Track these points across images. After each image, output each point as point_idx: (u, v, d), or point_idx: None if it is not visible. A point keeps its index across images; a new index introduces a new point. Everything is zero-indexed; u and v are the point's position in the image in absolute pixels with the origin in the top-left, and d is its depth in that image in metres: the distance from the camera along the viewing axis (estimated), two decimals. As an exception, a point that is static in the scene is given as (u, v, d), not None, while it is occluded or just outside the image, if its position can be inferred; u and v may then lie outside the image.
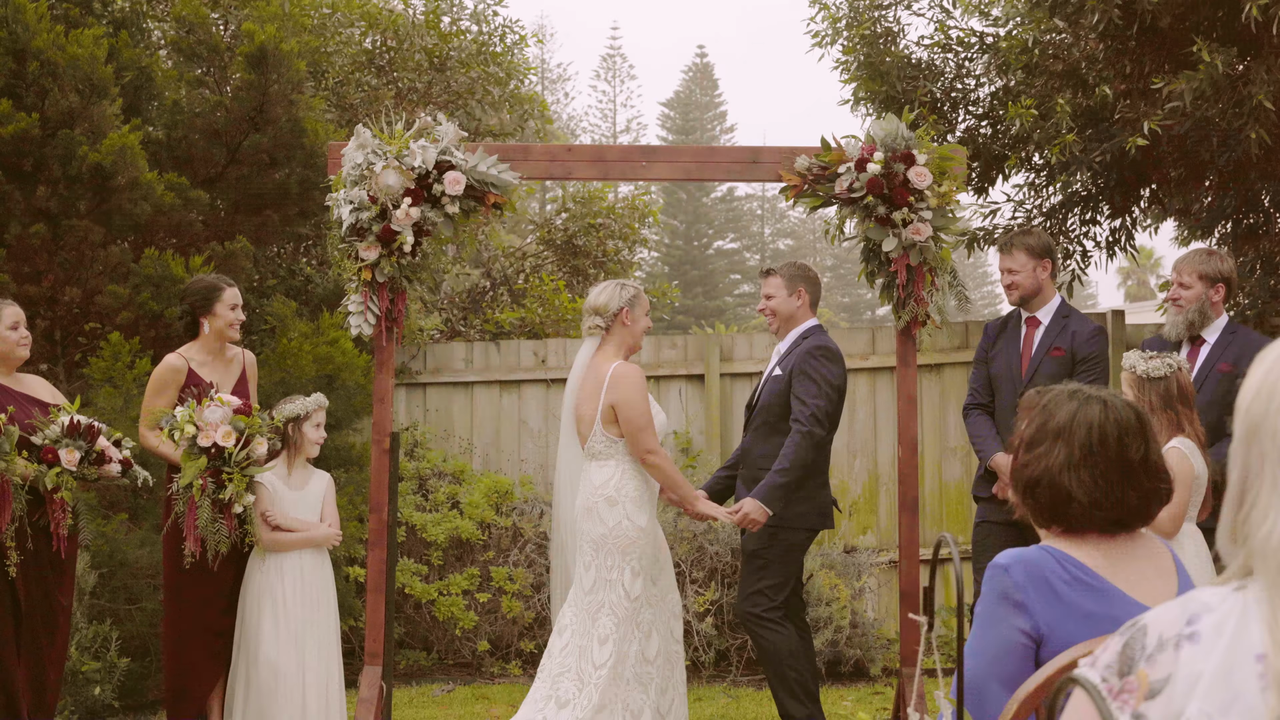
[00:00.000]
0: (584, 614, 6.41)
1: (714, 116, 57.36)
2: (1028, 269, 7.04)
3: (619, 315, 6.67)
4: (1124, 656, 2.03)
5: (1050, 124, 8.28)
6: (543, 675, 6.46)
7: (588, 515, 6.46)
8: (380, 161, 7.02)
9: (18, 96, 8.13)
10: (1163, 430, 5.73)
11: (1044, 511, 3.28)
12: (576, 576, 6.51)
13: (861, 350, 10.17)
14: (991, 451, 6.92)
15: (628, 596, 6.36)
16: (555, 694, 6.35)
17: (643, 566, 6.42)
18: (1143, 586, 3.16)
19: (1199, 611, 1.98)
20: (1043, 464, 3.24)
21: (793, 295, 7.00)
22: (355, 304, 7.13)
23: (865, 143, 7.08)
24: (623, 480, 6.45)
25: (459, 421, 10.23)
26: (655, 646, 6.46)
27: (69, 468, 6.29)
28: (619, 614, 6.35)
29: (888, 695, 8.33)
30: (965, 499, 9.98)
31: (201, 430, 6.38)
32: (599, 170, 7.51)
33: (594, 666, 6.30)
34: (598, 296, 6.73)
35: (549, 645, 6.52)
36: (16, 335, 6.50)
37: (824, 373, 6.75)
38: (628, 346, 6.72)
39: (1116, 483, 3.16)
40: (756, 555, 6.74)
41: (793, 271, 7.12)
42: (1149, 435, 3.22)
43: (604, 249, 12.67)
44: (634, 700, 6.34)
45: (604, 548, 6.41)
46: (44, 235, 8.06)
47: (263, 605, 6.69)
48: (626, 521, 6.40)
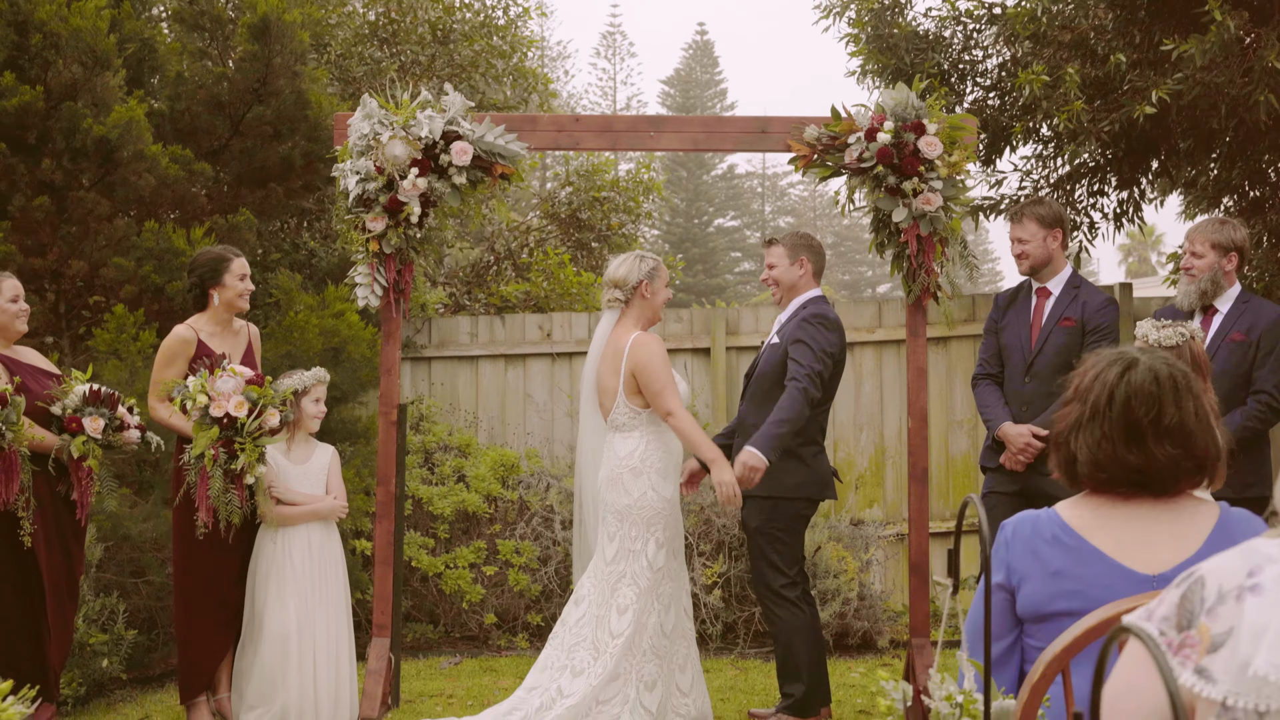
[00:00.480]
0: (604, 584, 6.44)
1: (714, 94, 57.21)
2: (1038, 238, 6.98)
3: (639, 288, 6.67)
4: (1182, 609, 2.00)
5: (1059, 93, 8.24)
6: (555, 643, 6.50)
7: (612, 486, 6.48)
8: (387, 131, 6.98)
9: (21, 69, 8.08)
10: (1173, 400, 5.70)
11: (1060, 469, 3.29)
12: (599, 547, 6.53)
13: (868, 323, 10.14)
14: (1000, 421, 6.87)
15: (650, 568, 6.40)
16: (570, 663, 6.38)
17: (667, 538, 6.47)
18: (1139, 550, 3.13)
19: (1261, 563, 1.94)
20: (1063, 423, 3.26)
21: (795, 264, 6.96)
22: (362, 275, 7.10)
23: (875, 112, 7.04)
24: (647, 451, 6.49)
25: (464, 395, 10.21)
26: (673, 620, 6.50)
27: (94, 435, 6.31)
28: (640, 584, 6.38)
29: (896, 667, 8.32)
30: (972, 471, 9.96)
31: (214, 400, 6.36)
32: (607, 140, 7.46)
33: (611, 636, 6.33)
34: (617, 269, 6.72)
35: (564, 614, 6.56)
36: (16, 308, 6.48)
37: (819, 339, 6.70)
38: (647, 319, 6.73)
39: (1119, 444, 3.13)
40: (761, 531, 6.72)
41: (795, 240, 7.08)
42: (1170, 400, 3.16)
43: (608, 223, 12.62)
44: (648, 672, 6.35)
45: (628, 518, 6.44)
46: (48, 208, 8.02)
47: (270, 578, 6.68)
48: (651, 492, 6.44)
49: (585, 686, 6.29)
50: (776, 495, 6.68)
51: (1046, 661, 2.69)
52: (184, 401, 6.46)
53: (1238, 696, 1.88)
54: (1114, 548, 3.13)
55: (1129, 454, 3.13)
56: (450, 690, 7.71)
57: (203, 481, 6.38)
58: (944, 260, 7.12)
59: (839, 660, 8.57)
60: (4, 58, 8.04)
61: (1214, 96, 8.11)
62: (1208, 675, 1.93)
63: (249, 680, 6.64)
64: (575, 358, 10.15)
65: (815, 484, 6.76)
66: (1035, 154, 10.06)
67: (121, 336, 7.89)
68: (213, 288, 6.83)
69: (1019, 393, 6.91)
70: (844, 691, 7.63)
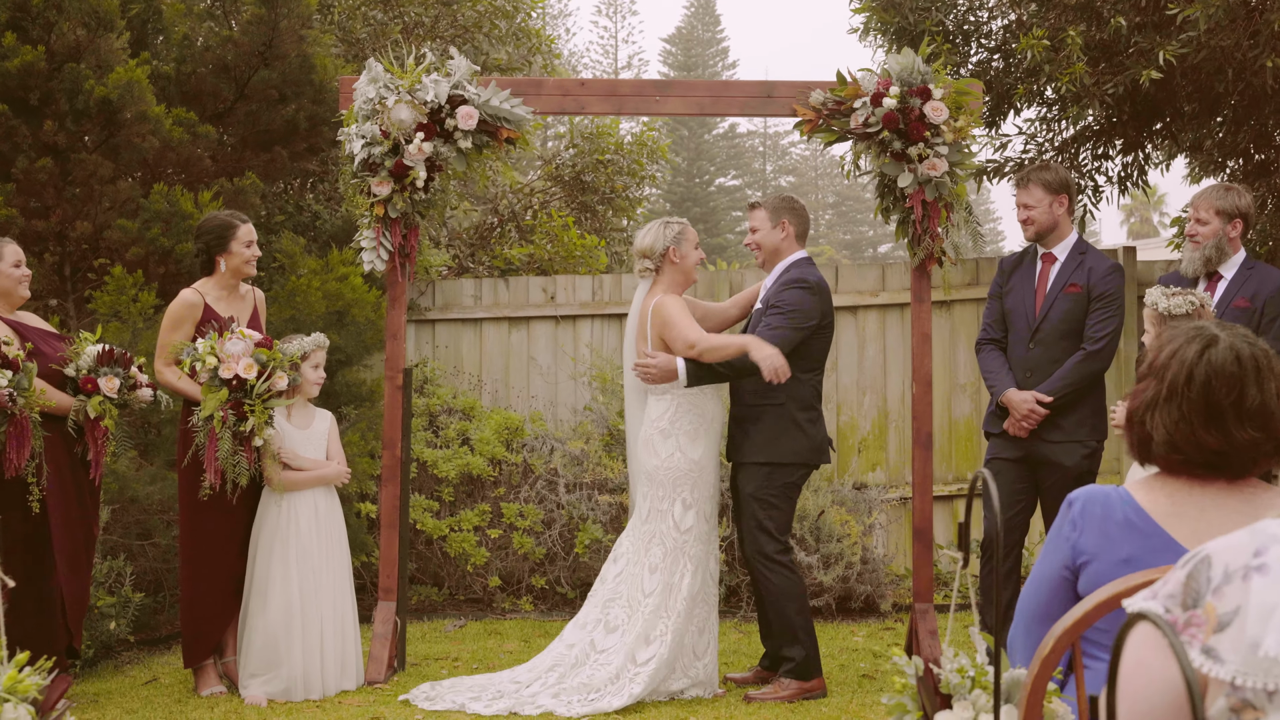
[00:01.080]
0: (639, 543, 6.66)
1: (716, 52, 57.01)
2: (1044, 204, 6.97)
3: (667, 254, 6.81)
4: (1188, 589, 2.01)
5: (1062, 56, 8.21)
6: (593, 600, 6.73)
7: (644, 447, 6.70)
8: (392, 96, 6.97)
9: (23, 30, 8.05)
10: (1181, 368, 5.72)
11: (1133, 448, 3.19)
12: (635, 507, 6.76)
13: (871, 287, 10.13)
14: (1004, 387, 6.88)
15: (677, 528, 6.58)
16: (605, 618, 6.62)
17: (695, 499, 6.62)
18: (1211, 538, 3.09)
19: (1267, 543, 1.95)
20: (1138, 400, 3.15)
21: (776, 227, 6.96)
22: (368, 240, 7.12)
23: (881, 77, 7.03)
24: (677, 413, 6.66)
25: (468, 358, 10.22)
26: (699, 582, 6.63)
27: (110, 395, 6.35)
28: (667, 545, 6.58)
29: (898, 631, 8.36)
30: (974, 435, 9.98)
31: (223, 362, 6.40)
32: (612, 105, 7.45)
33: (643, 594, 6.56)
34: (643, 239, 6.86)
35: (602, 571, 6.81)
36: (19, 272, 6.49)
37: (792, 302, 6.71)
38: (679, 283, 6.89)
39: (1199, 425, 3.01)
40: (755, 497, 6.75)
41: (776, 204, 7.06)
42: (1252, 381, 3.04)
43: (612, 185, 12.59)
44: (679, 629, 6.53)
45: (656, 479, 6.63)
46: (51, 170, 8.00)
47: (275, 545, 6.71)
48: (679, 454, 6.60)
49: (620, 644, 6.50)
50: (774, 461, 6.72)
51: (1057, 635, 2.71)
52: (193, 363, 6.49)
53: (1246, 676, 1.89)
54: (1190, 539, 3.04)
55: (1208, 436, 3.02)
56: (456, 653, 7.76)
57: (211, 443, 6.42)
58: (949, 225, 7.12)
59: (842, 624, 8.61)
60: (6, 18, 8.01)
61: (1220, 60, 8.09)
62: (1215, 655, 1.95)
63: (253, 648, 6.67)
64: (579, 320, 10.16)
65: (811, 450, 6.79)
66: (1040, 116, 10.04)
67: (122, 298, 7.88)
68: (219, 254, 6.85)
69: (1024, 359, 6.91)
70: (847, 655, 7.68)
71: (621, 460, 9.22)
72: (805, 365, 6.76)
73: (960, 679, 2.94)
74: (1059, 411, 6.74)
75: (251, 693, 6.59)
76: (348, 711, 6.37)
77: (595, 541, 8.94)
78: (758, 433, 6.75)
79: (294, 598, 6.65)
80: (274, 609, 6.64)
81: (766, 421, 6.73)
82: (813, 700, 6.63)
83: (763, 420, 6.75)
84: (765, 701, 6.55)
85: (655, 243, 6.78)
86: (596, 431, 9.48)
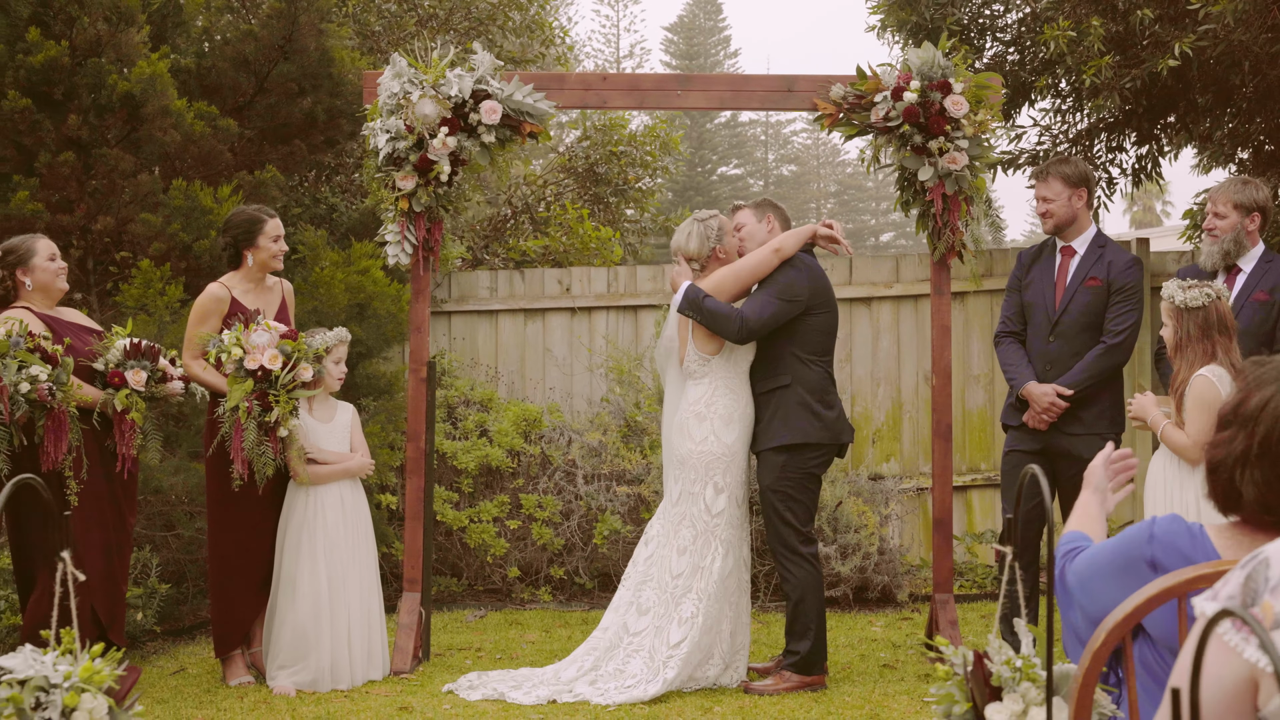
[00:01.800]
0: (669, 525, 6.76)
1: (718, 41, 56.90)
2: (1063, 198, 7.01)
3: (713, 254, 6.95)
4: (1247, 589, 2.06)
5: (1082, 48, 8.26)
6: (626, 583, 6.84)
7: (678, 430, 6.79)
8: (417, 90, 7.03)
9: (45, 25, 8.09)
10: (1197, 360, 5.78)
11: (1217, 499, 2.97)
12: (666, 489, 6.87)
13: (885, 278, 10.18)
14: (1024, 380, 6.92)
15: (708, 511, 6.68)
16: (637, 600, 6.73)
17: (726, 484, 6.72)
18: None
19: None
20: (1223, 451, 2.91)
21: (762, 222, 7.04)
22: (392, 234, 7.18)
23: (901, 71, 7.09)
24: (714, 397, 6.76)
25: (483, 350, 10.28)
26: (731, 565, 6.72)
27: (137, 388, 6.40)
28: (697, 527, 6.68)
29: (916, 621, 8.42)
30: (988, 426, 10.04)
31: (249, 353, 6.46)
32: (634, 99, 7.51)
33: (671, 576, 6.67)
34: (687, 243, 6.97)
35: (634, 554, 6.92)
36: (55, 266, 6.56)
37: (780, 278, 6.79)
38: None
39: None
40: (773, 490, 6.79)
41: (758, 202, 7.20)
42: None
43: (625, 177, 12.64)
44: (711, 613, 6.63)
45: (688, 463, 6.72)
46: (73, 164, 8.05)
47: (302, 537, 6.77)
48: (713, 437, 6.70)
49: (650, 625, 6.62)
50: (787, 444, 6.73)
51: (1108, 629, 2.74)
52: (219, 354, 6.56)
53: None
54: None
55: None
56: (478, 643, 7.82)
57: (237, 434, 6.48)
58: (969, 218, 7.17)
59: (859, 614, 8.68)
60: (29, 14, 8.05)
61: (1237, 52, 8.14)
62: None
63: (281, 639, 6.74)
64: (594, 312, 10.22)
65: (824, 430, 6.78)
66: (1054, 108, 10.09)
67: (149, 291, 7.94)
68: (247, 248, 6.91)
69: (1044, 352, 6.95)
70: (867, 645, 7.74)
71: (639, 452, 9.29)
72: (807, 348, 6.80)
73: (1010, 671, 3.00)
74: (1078, 404, 6.80)
75: (280, 683, 6.66)
76: (375, 701, 6.43)
77: (614, 532, 9.01)
78: (768, 418, 6.80)
79: (322, 589, 6.72)
80: (302, 601, 6.70)
81: (775, 406, 6.79)
82: (815, 692, 6.66)
83: (772, 405, 6.80)
84: (766, 694, 6.59)
85: (701, 246, 6.89)
86: (614, 423, 9.54)
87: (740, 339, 6.70)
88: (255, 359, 6.50)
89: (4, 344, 5.95)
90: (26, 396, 5.95)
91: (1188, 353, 5.83)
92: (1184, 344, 5.85)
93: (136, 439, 6.52)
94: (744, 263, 6.83)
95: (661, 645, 6.56)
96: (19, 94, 7.93)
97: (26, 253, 6.50)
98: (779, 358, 6.79)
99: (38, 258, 6.49)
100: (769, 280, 6.81)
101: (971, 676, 3.06)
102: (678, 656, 6.52)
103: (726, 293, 6.76)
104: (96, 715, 2.87)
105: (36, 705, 2.86)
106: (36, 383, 5.95)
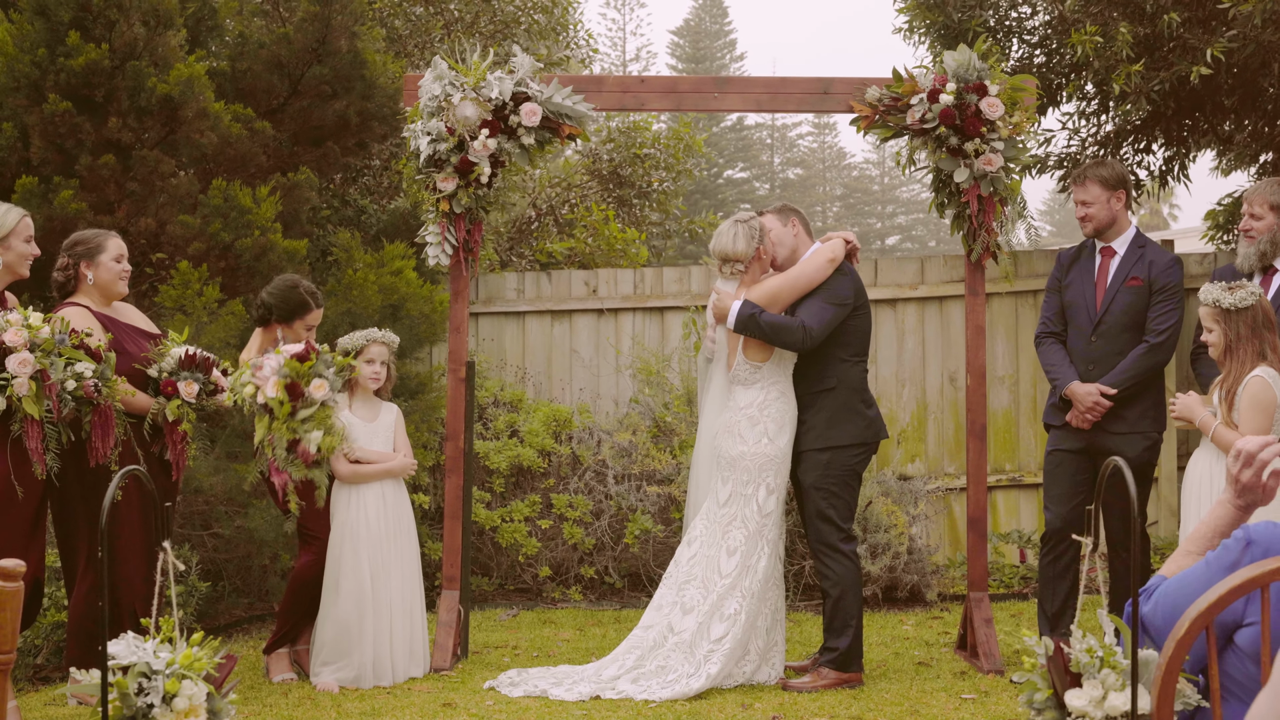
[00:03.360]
0: (716, 526, 6.81)
1: (724, 44, 56.90)
2: (1101, 200, 7.06)
3: (757, 255, 6.95)
4: None
5: (1110, 51, 8.31)
6: (668, 582, 6.89)
7: (728, 433, 6.83)
8: (458, 93, 7.09)
9: (85, 28, 8.14)
10: (1248, 359, 5.83)
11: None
12: (713, 491, 6.88)
13: (910, 280, 10.24)
14: (1067, 380, 6.98)
15: (760, 512, 6.76)
16: (681, 600, 6.77)
17: (777, 485, 6.80)
18: None
19: None
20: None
21: (787, 225, 7.10)
22: (433, 235, 7.23)
23: (937, 73, 7.14)
24: (766, 401, 6.83)
25: (511, 351, 10.33)
26: (772, 564, 6.82)
27: (188, 400, 6.40)
28: (750, 528, 6.75)
29: (946, 620, 8.47)
30: (1013, 427, 10.08)
31: (259, 388, 6.35)
32: (671, 101, 7.58)
33: (720, 576, 6.72)
34: (732, 245, 6.95)
35: (677, 554, 6.96)
36: (119, 267, 6.58)
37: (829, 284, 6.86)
38: (765, 271, 7.04)
39: None
40: (816, 487, 6.85)
41: (779, 208, 7.22)
42: None
43: (648, 180, 12.70)
44: (752, 610, 6.71)
45: (740, 465, 6.78)
46: (113, 166, 8.11)
47: (345, 536, 6.83)
48: (765, 440, 6.77)
49: (694, 624, 6.67)
50: (833, 445, 6.83)
51: (1192, 618, 2.78)
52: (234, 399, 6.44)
53: None
54: None
55: None
56: (514, 641, 7.88)
57: (274, 468, 6.40)
58: (1003, 220, 7.24)
59: (889, 613, 8.73)
60: (69, 18, 8.12)
61: (1266, 53, 8.20)
62: None
63: (324, 636, 6.80)
64: (621, 314, 10.27)
65: (869, 429, 6.91)
66: (1079, 110, 10.14)
67: (187, 292, 7.99)
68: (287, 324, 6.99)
69: (1086, 352, 7.01)
70: (900, 644, 7.79)
71: (669, 452, 9.35)
72: (850, 350, 6.90)
73: (1090, 658, 3.05)
74: (1121, 403, 6.86)
75: (323, 680, 6.72)
76: (418, 698, 6.48)
77: (645, 532, 9.07)
78: (816, 420, 6.87)
79: (365, 587, 6.77)
80: (345, 598, 6.76)
81: (823, 408, 6.86)
82: (853, 689, 6.70)
83: (818, 407, 6.87)
84: (804, 691, 6.64)
85: (746, 248, 6.89)
86: (643, 423, 9.60)
87: (805, 348, 6.79)
88: (264, 394, 6.31)
89: (50, 341, 5.96)
90: (73, 394, 5.98)
91: (1239, 353, 5.89)
92: (1235, 345, 5.91)
93: (190, 449, 6.55)
94: (799, 272, 6.86)
95: (703, 640, 6.62)
96: (59, 97, 7.99)
97: (96, 247, 6.52)
98: (826, 360, 6.86)
99: (105, 254, 6.52)
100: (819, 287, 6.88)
101: (1051, 663, 3.11)
102: (720, 652, 6.58)
103: (782, 302, 6.82)
104: (196, 701, 2.92)
105: (139, 690, 2.92)
106: (82, 379, 5.98)
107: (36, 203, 7.93)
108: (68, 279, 6.55)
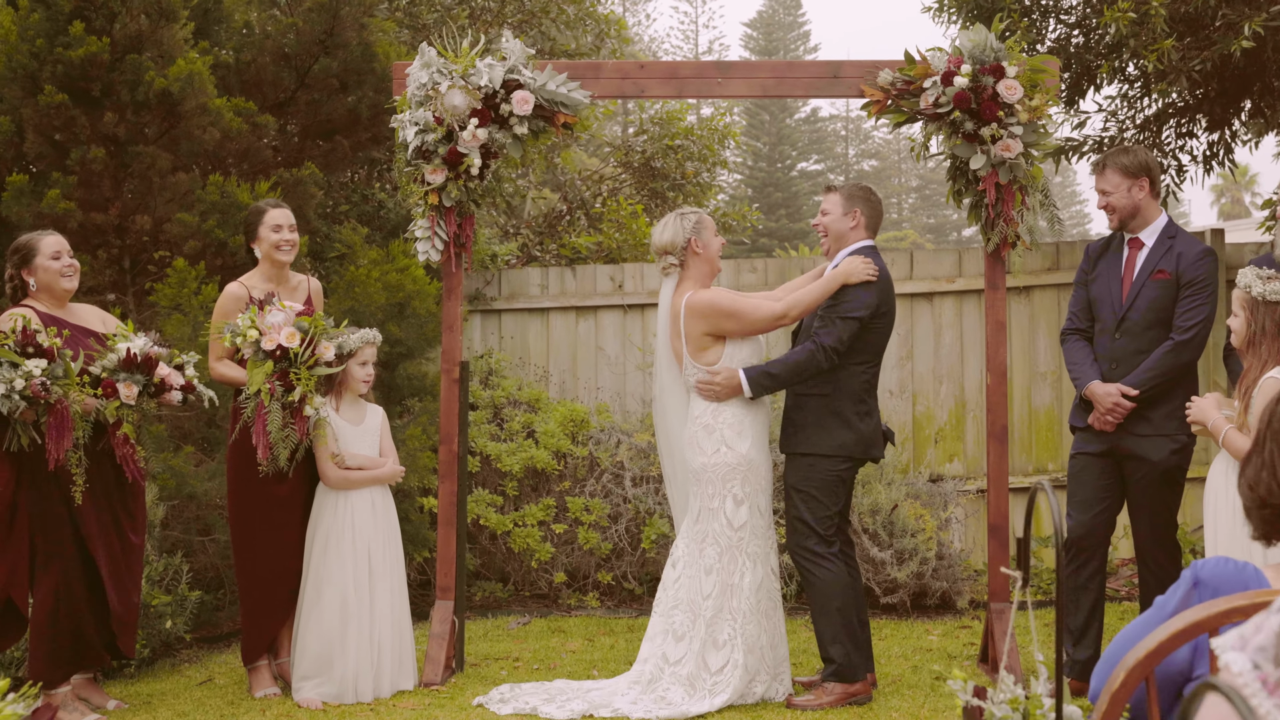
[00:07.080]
0: (693, 545, 6.48)
1: (797, 36, 56.44)
2: (1122, 190, 6.59)
3: (689, 247, 6.60)
4: None
5: (1146, 30, 7.86)
6: (658, 610, 6.58)
7: (690, 445, 6.51)
8: (446, 81, 6.81)
9: (88, 20, 7.96)
10: (1269, 358, 5.39)
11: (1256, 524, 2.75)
12: (689, 508, 6.57)
13: (948, 273, 9.83)
14: (1088, 380, 6.54)
15: (730, 525, 6.41)
16: (671, 627, 6.47)
17: (746, 494, 6.44)
18: None
19: None
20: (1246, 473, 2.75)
21: (847, 215, 6.66)
22: (422, 229, 6.98)
23: (952, 55, 6.76)
24: (720, 406, 6.47)
25: (534, 348, 10.06)
26: (761, 578, 6.47)
27: (127, 401, 6.18)
28: (721, 544, 6.41)
29: (975, 630, 8.06)
30: (1056, 425, 9.68)
31: (265, 334, 6.26)
32: (673, 88, 7.24)
33: (702, 597, 6.41)
34: (662, 235, 6.65)
35: (663, 578, 6.63)
36: (59, 265, 6.37)
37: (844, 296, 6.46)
38: (705, 274, 6.64)
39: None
40: (796, 489, 6.53)
41: (853, 191, 6.76)
42: None
43: (682, 171, 12.35)
44: (749, 632, 6.38)
45: (703, 477, 6.45)
46: (106, 161, 7.91)
47: (330, 544, 6.58)
48: (724, 448, 6.42)
49: (688, 651, 6.36)
50: (815, 452, 6.50)
51: (1129, 668, 2.45)
52: (234, 339, 6.36)
53: None
54: None
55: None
56: (517, 653, 7.59)
57: (260, 418, 6.29)
58: (1024, 210, 6.83)
59: (916, 622, 8.33)
60: (70, 8, 7.92)
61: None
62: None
63: (307, 649, 6.53)
64: (647, 309, 9.95)
65: (858, 444, 6.52)
66: (1121, 94, 9.69)
67: (183, 291, 7.78)
68: (252, 242, 6.78)
69: (1109, 349, 6.55)
70: (920, 656, 7.41)
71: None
72: (859, 357, 6.51)
73: (1012, 711, 2.69)
74: (1147, 404, 6.39)
75: (305, 695, 6.47)
76: (402, 715, 6.23)
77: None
78: (802, 423, 6.54)
79: (349, 597, 6.51)
80: (328, 609, 6.50)
81: (810, 412, 6.52)
82: (860, 705, 6.37)
83: (806, 410, 6.53)
84: (808, 709, 6.29)
85: (675, 237, 6.54)
86: (664, 423, 9.28)
87: (832, 366, 6.43)
88: (272, 339, 6.31)
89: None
90: (22, 393, 5.78)
91: (1260, 349, 5.44)
92: (1257, 339, 5.46)
93: (138, 450, 6.32)
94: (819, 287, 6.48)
95: (703, 673, 6.32)
96: (55, 89, 7.81)
97: (30, 251, 6.36)
98: None
99: (40, 256, 6.34)
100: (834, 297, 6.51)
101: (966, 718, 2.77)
102: (724, 682, 6.27)
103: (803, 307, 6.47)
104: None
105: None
106: (30, 378, 5.79)
107: (27, 200, 7.76)
108: (15, 288, 6.44)
